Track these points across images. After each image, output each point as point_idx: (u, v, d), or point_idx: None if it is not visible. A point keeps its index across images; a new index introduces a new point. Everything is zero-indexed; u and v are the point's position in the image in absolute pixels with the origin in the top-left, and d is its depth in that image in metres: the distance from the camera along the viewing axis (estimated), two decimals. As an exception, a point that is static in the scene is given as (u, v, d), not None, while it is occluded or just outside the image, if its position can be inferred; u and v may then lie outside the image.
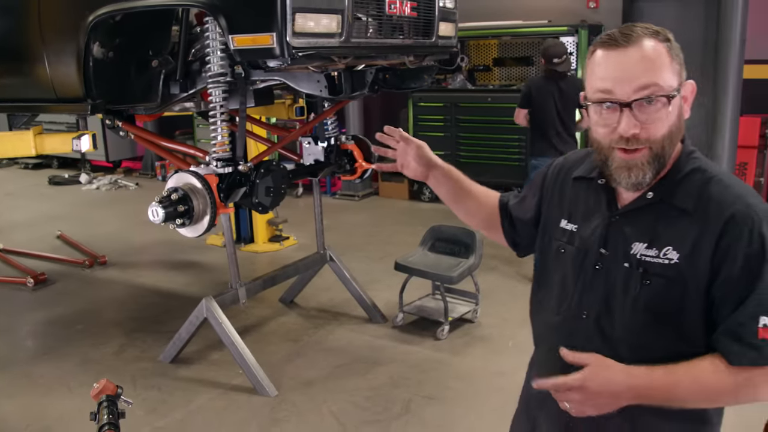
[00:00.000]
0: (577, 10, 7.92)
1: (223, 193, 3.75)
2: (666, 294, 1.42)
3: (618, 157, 1.42)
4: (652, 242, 1.43)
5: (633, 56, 1.37)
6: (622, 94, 1.38)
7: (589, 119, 1.48)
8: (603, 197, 1.54)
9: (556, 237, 1.63)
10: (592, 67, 1.44)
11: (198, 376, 4.22)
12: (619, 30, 1.42)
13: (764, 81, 7.28)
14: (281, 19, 3.11)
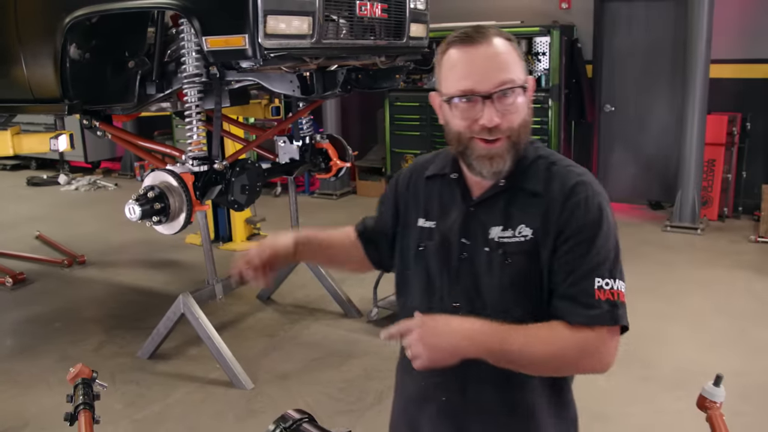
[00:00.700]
0: (549, 11, 8.07)
1: (199, 191, 3.83)
2: (527, 269, 1.51)
3: (479, 147, 1.49)
4: (507, 224, 1.53)
5: (489, 52, 1.46)
6: (484, 87, 1.44)
7: (448, 114, 1.52)
8: (457, 191, 1.61)
9: (415, 237, 1.66)
10: (448, 65, 1.50)
11: (176, 370, 4.30)
12: (471, 29, 1.49)
13: (731, 80, 7.45)
14: (253, 21, 3.20)
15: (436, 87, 1.56)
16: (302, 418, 1.20)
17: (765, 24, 7.23)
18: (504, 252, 1.52)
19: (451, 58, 1.49)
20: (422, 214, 1.66)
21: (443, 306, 1.57)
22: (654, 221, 7.53)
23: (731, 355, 4.37)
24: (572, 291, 1.46)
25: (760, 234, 6.68)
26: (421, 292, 1.63)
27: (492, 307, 1.54)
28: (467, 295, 1.56)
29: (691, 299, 5.34)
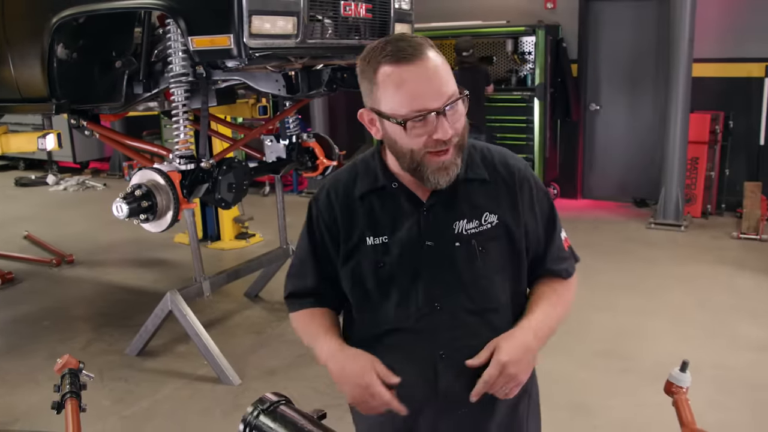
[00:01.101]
0: (534, 11, 8.14)
1: (186, 189, 3.89)
2: (505, 252, 1.63)
3: (433, 162, 1.50)
4: (470, 215, 1.59)
5: (430, 67, 1.45)
6: (436, 104, 1.44)
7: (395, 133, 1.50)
8: (403, 198, 1.61)
9: (367, 257, 1.62)
10: (388, 83, 1.46)
11: (164, 367, 4.34)
12: (402, 43, 1.46)
13: (714, 79, 7.55)
14: (238, 21, 3.26)
15: (368, 104, 1.53)
16: (279, 400, 1.25)
17: (746, 23, 7.33)
18: (476, 242, 1.59)
19: (392, 76, 1.45)
20: (368, 233, 1.62)
21: (420, 312, 1.59)
22: (639, 218, 7.62)
23: (711, 348, 4.45)
24: (555, 253, 1.70)
25: (742, 230, 6.77)
26: (394, 305, 1.62)
27: (478, 299, 1.60)
28: (449, 295, 1.59)
29: (673, 294, 5.42)
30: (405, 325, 1.61)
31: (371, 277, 1.62)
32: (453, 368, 1.58)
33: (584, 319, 4.74)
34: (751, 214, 6.72)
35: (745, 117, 7.48)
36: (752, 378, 4.06)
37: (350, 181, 1.67)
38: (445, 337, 1.59)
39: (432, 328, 1.59)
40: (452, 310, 1.59)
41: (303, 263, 1.75)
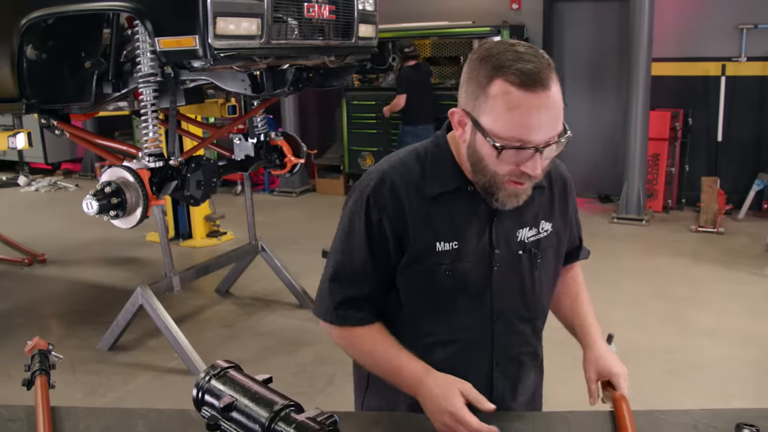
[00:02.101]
0: (500, 12, 8.33)
1: (155, 186, 3.98)
2: (554, 258, 1.67)
3: (511, 188, 1.46)
4: (532, 224, 1.60)
5: (550, 103, 1.37)
6: (540, 140, 1.38)
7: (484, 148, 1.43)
8: (477, 203, 1.54)
9: (436, 262, 1.54)
10: (502, 104, 1.37)
11: (135, 361, 4.44)
12: (532, 66, 1.36)
13: (673, 77, 7.79)
14: (203, 23, 3.37)
15: (466, 106, 1.44)
16: (229, 366, 1.38)
17: (703, 24, 7.57)
18: (536, 251, 1.61)
19: (508, 97, 1.35)
20: (440, 237, 1.53)
21: (483, 321, 1.58)
22: (603, 213, 7.83)
23: (664, 335, 4.64)
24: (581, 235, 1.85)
25: (701, 224, 7.00)
26: (459, 313, 1.57)
27: (532, 307, 1.64)
28: (511, 304, 1.60)
29: (632, 285, 5.62)
30: (465, 334, 1.58)
31: (437, 285, 1.55)
32: (506, 376, 1.64)
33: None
34: (708, 208, 6.94)
35: (703, 114, 7.73)
36: (698, 360, 4.26)
37: (418, 175, 1.54)
38: (500, 345, 1.61)
39: (490, 337, 1.60)
40: (509, 318, 1.60)
41: (357, 266, 1.57)
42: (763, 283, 5.60)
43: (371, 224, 1.53)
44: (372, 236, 1.54)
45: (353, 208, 1.57)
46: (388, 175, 1.54)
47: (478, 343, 1.60)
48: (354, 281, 1.58)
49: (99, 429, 1.49)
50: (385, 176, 1.54)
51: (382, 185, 1.53)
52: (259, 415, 1.24)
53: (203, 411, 1.33)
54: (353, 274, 1.57)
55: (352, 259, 1.57)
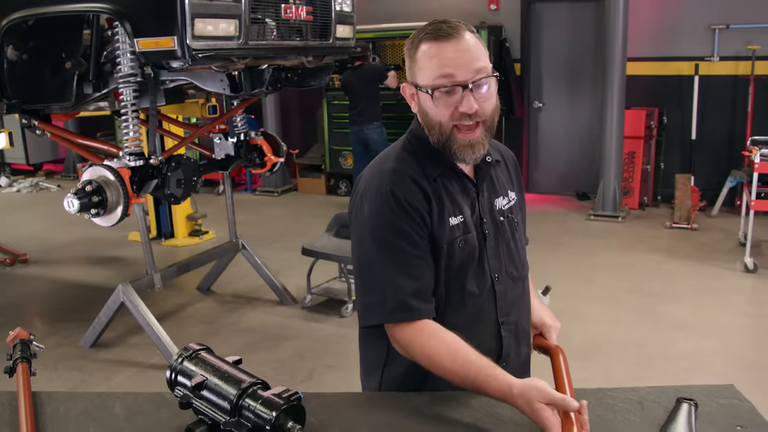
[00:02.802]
0: (478, 13, 8.44)
1: (136, 184, 4.04)
2: (522, 222, 1.87)
3: (459, 138, 1.59)
4: (502, 193, 1.79)
5: (463, 45, 1.56)
6: (463, 76, 1.54)
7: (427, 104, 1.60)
8: (464, 182, 1.70)
9: (451, 236, 1.65)
10: (424, 58, 1.58)
11: (117, 357, 4.50)
12: (443, 23, 1.58)
13: (648, 77, 7.93)
14: (181, 24, 3.44)
15: (409, 79, 1.65)
16: (201, 348, 1.46)
17: (676, 24, 7.72)
18: (512, 216, 1.80)
19: (427, 51, 1.57)
20: (450, 213, 1.65)
21: (488, 283, 1.71)
22: (580, 210, 7.95)
23: (636, 328, 4.76)
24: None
25: (675, 220, 7.13)
26: (471, 277, 1.68)
27: (520, 267, 1.81)
28: (505, 266, 1.75)
29: (607, 280, 5.73)
30: (474, 300, 1.70)
31: (454, 257, 1.65)
32: (510, 332, 1.77)
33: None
34: (682, 204, 7.08)
35: (677, 113, 7.88)
36: (669, 353, 4.37)
37: (417, 164, 1.66)
38: (502, 304, 1.74)
39: (494, 298, 1.73)
40: (505, 279, 1.75)
41: (413, 261, 1.60)
42: (735, 277, 5.74)
43: (410, 216, 1.60)
44: (414, 227, 1.60)
45: (380, 209, 1.61)
46: (399, 169, 1.64)
47: (485, 305, 1.73)
48: (414, 272, 1.60)
49: (78, 412, 1.57)
50: (397, 171, 1.64)
51: (400, 178, 1.62)
52: (228, 392, 1.33)
53: (176, 391, 1.42)
54: (410, 266, 1.60)
55: (403, 253, 1.60)
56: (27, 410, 1.52)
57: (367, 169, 1.73)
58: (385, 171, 1.65)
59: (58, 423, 1.51)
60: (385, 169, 1.66)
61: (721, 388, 1.61)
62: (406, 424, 1.46)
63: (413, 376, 1.66)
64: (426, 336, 1.56)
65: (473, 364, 1.50)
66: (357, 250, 1.67)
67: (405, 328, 1.58)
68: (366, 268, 1.64)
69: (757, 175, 5.64)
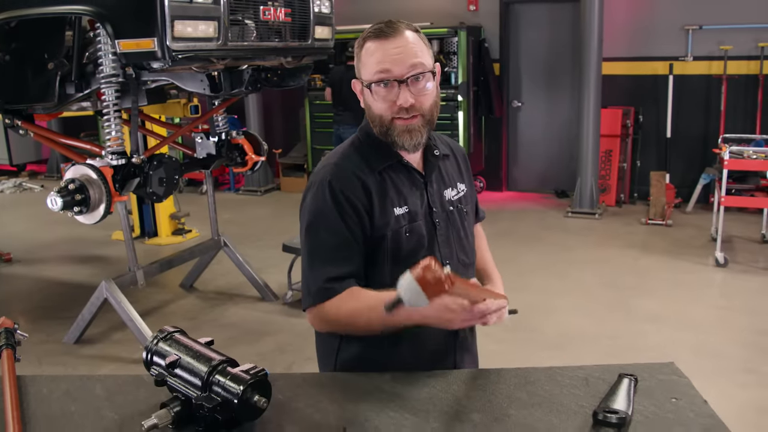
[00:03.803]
0: (457, 13, 8.56)
1: (118, 183, 4.13)
2: (471, 212, 1.98)
3: (398, 125, 1.72)
4: (451, 185, 1.90)
5: (402, 42, 1.68)
6: (399, 72, 1.66)
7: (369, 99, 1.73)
8: (410, 171, 1.81)
9: (397, 225, 1.75)
10: (366, 55, 1.71)
11: (101, 353, 4.58)
12: (384, 24, 1.71)
13: (624, 76, 8.09)
14: (161, 26, 3.53)
15: (357, 75, 1.76)
16: (175, 330, 1.56)
17: (652, 25, 7.88)
18: (461, 206, 1.91)
19: (368, 48, 1.69)
20: (392, 203, 1.75)
21: None
22: (558, 208, 8.09)
23: (609, 321, 4.89)
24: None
25: (650, 217, 7.29)
26: None
27: (469, 254, 1.93)
28: (456, 254, 1.87)
29: (582, 275, 5.87)
30: None
31: (401, 245, 1.76)
32: None
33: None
34: (657, 201, 7.24)
35: (653, 112, 8.04)
36: (640, 344, 4.50)
37: (363, 158, 1.77)
38: None
39: None
40: (456, 265, 1.85)
41: (340, 247, 1.71)
42: (706, 271, 5.89)
43: (341, 206, 1.71)
44: (345, 218, 1.70)
45: (317, 200, 1.73)
46: (341, 164, 1.77)
47: None
48: (338, 262, 1.71)
49: (60, 393, 1.66)
50: (338, 165, 1.76)
51: (340, 171, 1.74)
52: (199, 369, 1.43)
53: (152, 370, 1.52)
54: (336, 255, 1.71)
55: (332, 244, 1.71)
56: (12, 392, 1.62)
57: (318, 164, 1.86)
58: (329, 165, 1.77)
59: (41, 403, 1.61)
60: (329, 164, 1.78)
61: (662, 366, 1.73)
62: (367, 400, 1.56)
63: (366, 361, 1.78)
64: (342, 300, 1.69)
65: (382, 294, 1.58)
66: (300, 239, 1.81)
67: (319, 308, 1.71)
68: (304, 256, 1.77)
69: (726, 171, 5.79)
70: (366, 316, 1.66)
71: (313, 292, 1.72)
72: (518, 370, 1.70)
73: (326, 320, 1.73)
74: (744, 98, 7.68)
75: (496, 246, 7.39)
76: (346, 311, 1.69)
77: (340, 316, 1.70)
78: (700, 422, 1.46)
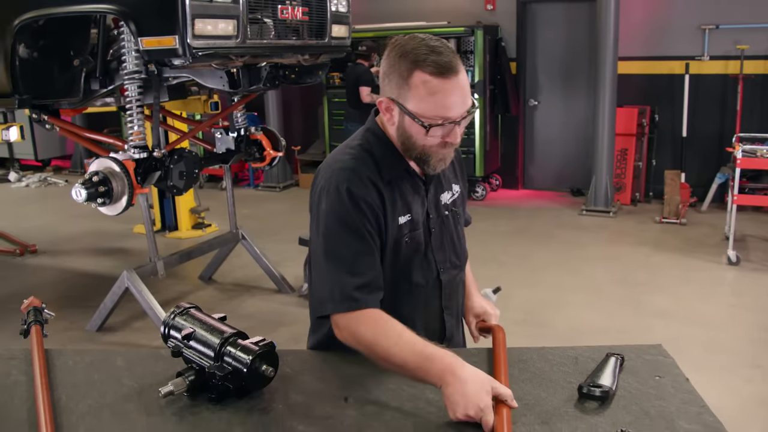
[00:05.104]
0: (475, 12, 8.65)
1: (140, 176, 4.27)
2: (463, 213, 2.03)
3: (437, 154, 1.75)
4: (448, 188, 1.95)
5: (460, 84, 1.66)
6: (456, 115, 1.66)
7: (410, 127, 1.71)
8: (415, 180, 1.84)
9: (401, 234, 1.80)
10: (424, 91, 1.65)
11: (122, 340, 4.73)
12: (442, 58, 1.64)
13: (640, 75, 8.13)
14: (182, 24, 3.66)
15: (391, 94, 1.70)
16: (191, 306, 1.68)
17: (667, 24, 7.92)
18: (455, 209, 1.97)
19: (428, 84, 1.63)
20: (399, 212, 1.79)
21: (433, 274, 1.89)
22: (573, 206, 8.15)
23: (619, 316, 4.96)
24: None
25: (664, 215, 7.33)
26: (418, 269, 1.85)
27: (461, 256, 1.99)
28: (449, 258, 1.93)
29: (594, 272, 5.94)
30: (421, 289, 1.88)
31: (401, 253, 1.81)
32: (452, 315, 1.98)
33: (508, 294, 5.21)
34: (671, 200, 7.28)
35: (669, 111, 8.07)
36: (648, 339, 4.55)
37: (375, 165, 1.77)
38: (447, 291, 1.94)
39: (438, 286, 1.91)
40: (449, 269, 1.93)
41: (363, 254, 1.72)
42: (718, 269, 5.94)
43: (364, 214, 1.71)
44: (367, 224, 1.71)
45: (337, 207, 1.71)
46: (357, 169, 1.74)
47: (431, 293, 1.91)
48: (365, 265, 1.70)
49: (85, 364, 1.79)
50: (355, 171, 1.74)
51: (358, 179, 1.72)
52: (212, 341, 1.55)
53: (169, 342, 1.64)
54: (360, 259, 1.70)
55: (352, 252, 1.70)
56: (41, 363, 1.75)
57: (326, 163, 1.82)
58: (345, 170, 1.74)
59: (67, 373, 1.74)
60: (344, 168, 1.75)
61: (649, 347, 1.83)
62: (369, 374, 1.67)
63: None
64: (372, 321, 1.66)
65: (418, 343, 1.59)
66: (314, 242, 1.77)
67: (351, 317, 1.67)
68: (320, 261, 1.74)
69: (739, 170, 5.83)
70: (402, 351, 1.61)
71: (338, 299, 1.68)
72: (512, 350, 1.80)
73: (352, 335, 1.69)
74: (760, 98, 7.70)
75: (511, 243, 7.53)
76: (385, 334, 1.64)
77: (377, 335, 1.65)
78: (679, 397, 1.56)
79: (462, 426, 1.45)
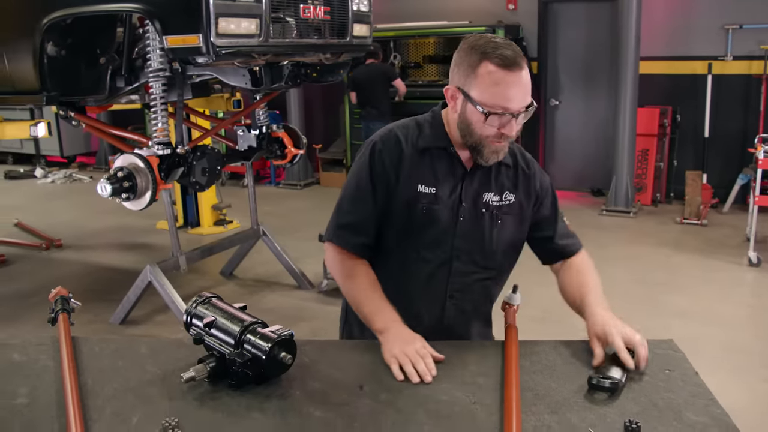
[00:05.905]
0: (496, 12, 8.67)
1: (164, 172, 4.35)
2: (513, 224, 2.01)
3: (492, 145, 1.84)
4: (497, 191, 1.97)
5: (523, 80, 1.77)
6: (516, 108, 1.77)
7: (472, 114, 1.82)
8: (454, 162, 1.93)
9: (415, 200, 1.91)
10: (487, 77, 1.76)
11: (145, 333, 4.81)
12: (509, 52, 1.76)
13: (662, 76, 8.10)
14: (206, 23, 3.73)
15: (458, 83, 1.83)
16: (213, 295, 1.74)
17: (689, 24, 7.89)
18: (497, 213, 1.97)
19: (493, 75, 1.75)
20: (421, 180, 1.90)
21: (445, 256, 1.95)
22: (593, 206, 8.14)
23: (637, 315, 4.94)
24: (561, 231, 2.11)
25: (685, 216, 7.30)
26: (429, 244, 1.94)
27: (489, 259, 2.00)
28: (469, 250, 1.96)
29: (614, 271, 5.92)
30: (427, 264, 1.96)
31: (413, 218, 1.92)
32: (458, 308, 2.00)
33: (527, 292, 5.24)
34: (692, 201, 7.25)
35: (691, 111, 8.04)
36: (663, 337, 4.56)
37: (415, 133, 1.95)
38: (456, 282, 1.98)
39: (448, 270, 1.97)
40: (467, 262, 1.97)
41: (360, 198, 1.95)
42: (739, 270, 5.91)
43: (374, 163, 1.93)
44: (374, 174, 1.93)
45: (362, 155, 1.97)
46: (393, 130, 1.97)
47: (438, 273, 1.97)
48: (356, 209, 1.95)
49: (110, 351, 1.86)
50: (391, 131, 1.97)
51: (388, 136, 1.95)
52: (233, 329, 1.61)
53: (191, 330, 1.69)
54: (355, 203, 1.95)
55: (355, 192, 1.96)
56: (68, 349, 1.81)
57: None
58: (385, 130, 1.99)
59: (93, 359, 1.80)
60: (387, 128, 2.00)
61: (661, 342, 1.86)
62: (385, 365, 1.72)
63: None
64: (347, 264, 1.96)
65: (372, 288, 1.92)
66: None
67: (335, 249, 1.98)
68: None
69: (761, 171, 5.80)
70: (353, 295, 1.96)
71: (330, 230, 2.00)
72: (525, 342, 1.84)
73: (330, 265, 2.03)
74: (784, 98, 7.64)
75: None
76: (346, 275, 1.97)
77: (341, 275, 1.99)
78: (688, 390, 1.59)
79: (473, 409, 1.50)
